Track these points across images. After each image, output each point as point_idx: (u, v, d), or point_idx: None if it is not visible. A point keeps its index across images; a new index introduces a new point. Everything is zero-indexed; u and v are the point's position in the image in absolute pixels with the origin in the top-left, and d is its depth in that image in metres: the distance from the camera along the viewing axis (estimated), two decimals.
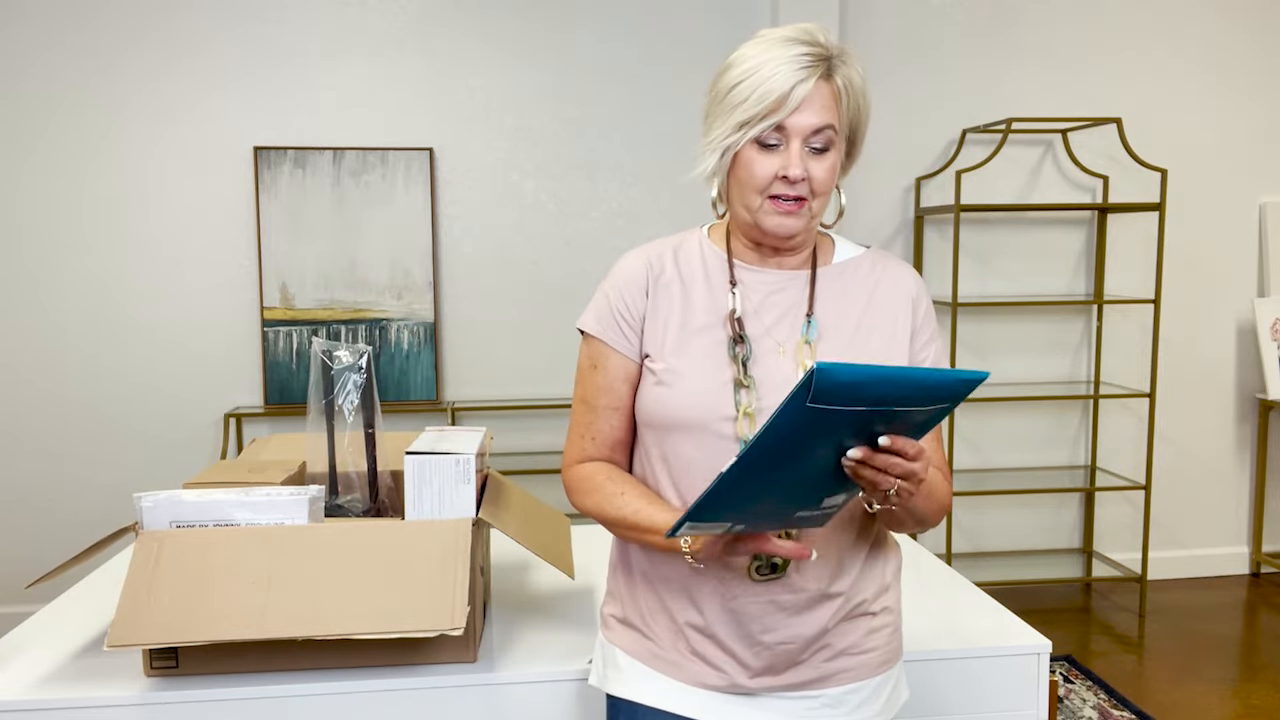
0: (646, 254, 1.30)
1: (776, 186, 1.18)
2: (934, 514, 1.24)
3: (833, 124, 1.18)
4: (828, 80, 1.17)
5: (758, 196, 1.19)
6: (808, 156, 1.17)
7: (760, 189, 1.19)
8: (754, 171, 1.18)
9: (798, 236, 1.22)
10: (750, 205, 1.20)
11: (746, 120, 1.16)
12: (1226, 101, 4.16)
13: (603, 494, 1.25)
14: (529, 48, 3.81)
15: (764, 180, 1.18)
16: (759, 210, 1.20)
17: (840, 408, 0.94)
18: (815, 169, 1.18)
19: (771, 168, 1.17)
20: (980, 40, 4.01)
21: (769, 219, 1.20)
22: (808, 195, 1.18)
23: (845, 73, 1.19)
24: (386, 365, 3.79)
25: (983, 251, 4.08)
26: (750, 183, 1.19)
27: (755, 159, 1.18)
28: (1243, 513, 4.35)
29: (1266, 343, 4.11)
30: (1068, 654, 3.48)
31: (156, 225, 3.70)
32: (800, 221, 1.20)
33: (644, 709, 1.28)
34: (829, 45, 1.18)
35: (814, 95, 1.16)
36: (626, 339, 1.27)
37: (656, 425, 1.25)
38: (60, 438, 3.73)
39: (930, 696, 1.60)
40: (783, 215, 1.19)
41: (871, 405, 0.95)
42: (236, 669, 1.48)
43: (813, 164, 1.18)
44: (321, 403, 1.65)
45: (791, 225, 1.20)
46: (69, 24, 3.60)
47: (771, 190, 1.18)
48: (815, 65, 1.15)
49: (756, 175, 1.18)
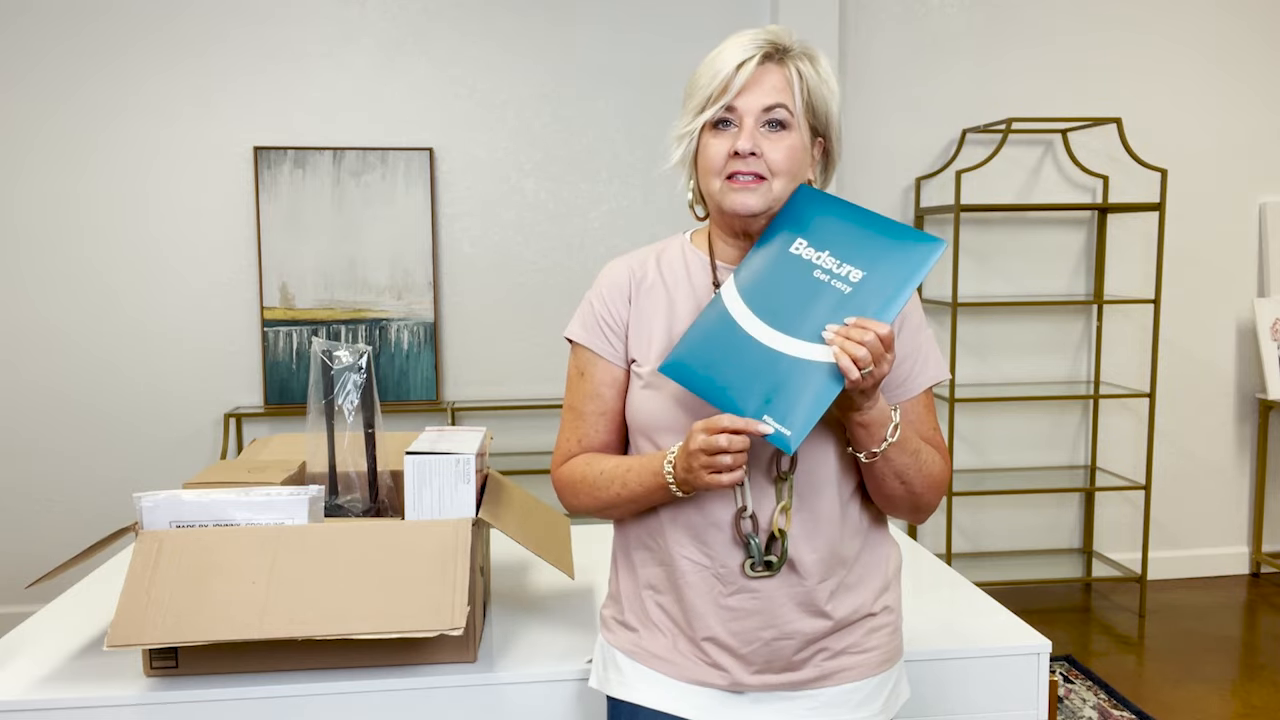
0: (629, 261, 1.34)
1: (731, 164, 1.20)
2: (929, 490, 1.24)
3: (784, 103, 1.20)
4: (779, 65, 1.21)
5: (717, 178, 1.22)
6: (763, 136, 1.20)
7: (717, 170, 1.22)
8: (709, 154, 1.22)
9: (761, 216, 1.24)
10: (712, 189, 1.23)
11: (700, 105, 1.21)
12: (1226, 101, 4.16)
13: (588, 484, 1.28)
14: (529, 47, 3.81)
15: (719, 160, 1.21)
16: (720, 192, 1.22)
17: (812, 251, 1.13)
18: (770, 147, 1.20)
19: (725, 147, 1.21)
20: (980, 40, 4.01)
21: (728, 198, 1.22)
22: (764, 173, 1.20)
23: (800, 65, 1.22)
24: (386, 365, 3.79)
25: (983, 251, 4.08)
26: (708, 166, 1.22)
27: (710, 142, 1.22)
28: (1243, 513, 4.35)
29: (1266, 343, 4.11)
30: (1068, 654, 3.48)
31: (157, 225, 3.70)
32: (759, 199, 1.21)
33: (645, 711, 1.28)
34: (788, 43, 1.22)
35: (761, 76, 1.20)
36: (611, 345, 1.30)
37: (647, 428, 1.26)
38: (60, 437, 3.73)
39: (930, 696, 1.60)
40: (740, 191, 1.21)
41: (835, 248, 1.10)
42: (236, 669, 1.48)
43: (767, 142, 1.20)
44: (321, 403, 1.65)
45: (751, 203, 1.21)
46: (69, 23, 3.60)
47: (727, 169, 1.21)
48: (762, 49, 1.20)
49: (712, 156, 1.22)
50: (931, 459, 1.24)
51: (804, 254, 1.10)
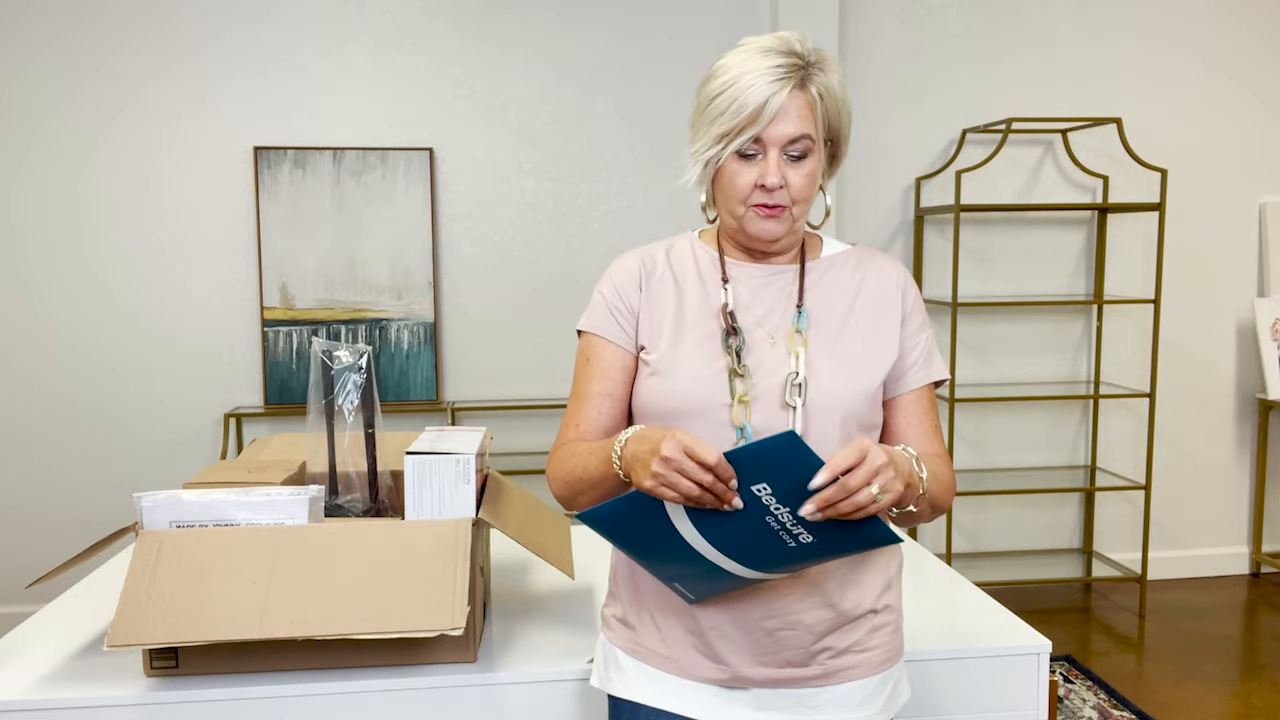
0: (639, 253, 1.35)
1: (756, 195, 1.23)
2: (946, 498, 1.26)
3: (808, 133, 1.21)
4: (803, 89, 1.21)
5: (740, 205, 1.25)
6: (786, 165, 1.22)
7: (742, 199, 1.24)
8: (735, 183, 1.23)
9: (782, 240, 1.27)
10: (735, 213, 1.26)
11: (725, 133, 1.21)
12: (1226, 101, 4.16)
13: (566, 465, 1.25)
14: (529, 47, 3.81)
15: (744, 190, 1.23)
16: (743, 217, 1.25)
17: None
18: (793, 176, 1.22)
19: (751, 177, 1.22)
20: (980, 40, 4.01)
21: (753, 225, 1.25)
22: (787, 202, 1.23)
23: (822, 80, 1.22)
24: (386, 365, 3.79)
25: (983, 251, 4.08)
26: (732, 193, 1.24)
27: (736, 170, 1.23)
28: (1243, 513, 4.35)
29: (1266, 343, 4.11)
30: (1068, 654, 3.48)
31: (157, 225, 3.70)
32: (782, 226, 1.25)
33: (646, 709, 1.28)
34: (805, 53, 1.22)
35: (789, 106, 1.20)
36: (623, 329, 1.30)
37: (654, 416, 1.26)
38: (60, 437, 3.73)
39: (930, 696, 1.60)
40: (765, 220, 1.24)
41: (795, 506, 1.02)
42: (236, 669, 1.48)
43: (790, 172, 1.22)
44: (321, 403, 1.65)
45: (774, 230, 1.25)
46: (68, 22, 3.60)
47: (753, 199, 1.23)
48: (789, 76, 1.19)
49: (738, 185, 1.23)
50: (942, 468, 1.26)
51: (764, 498, 1.02)
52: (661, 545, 1.11)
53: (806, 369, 1.23)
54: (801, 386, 1.22)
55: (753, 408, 1.21)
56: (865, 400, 1.25)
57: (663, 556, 1.14)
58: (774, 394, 1.22)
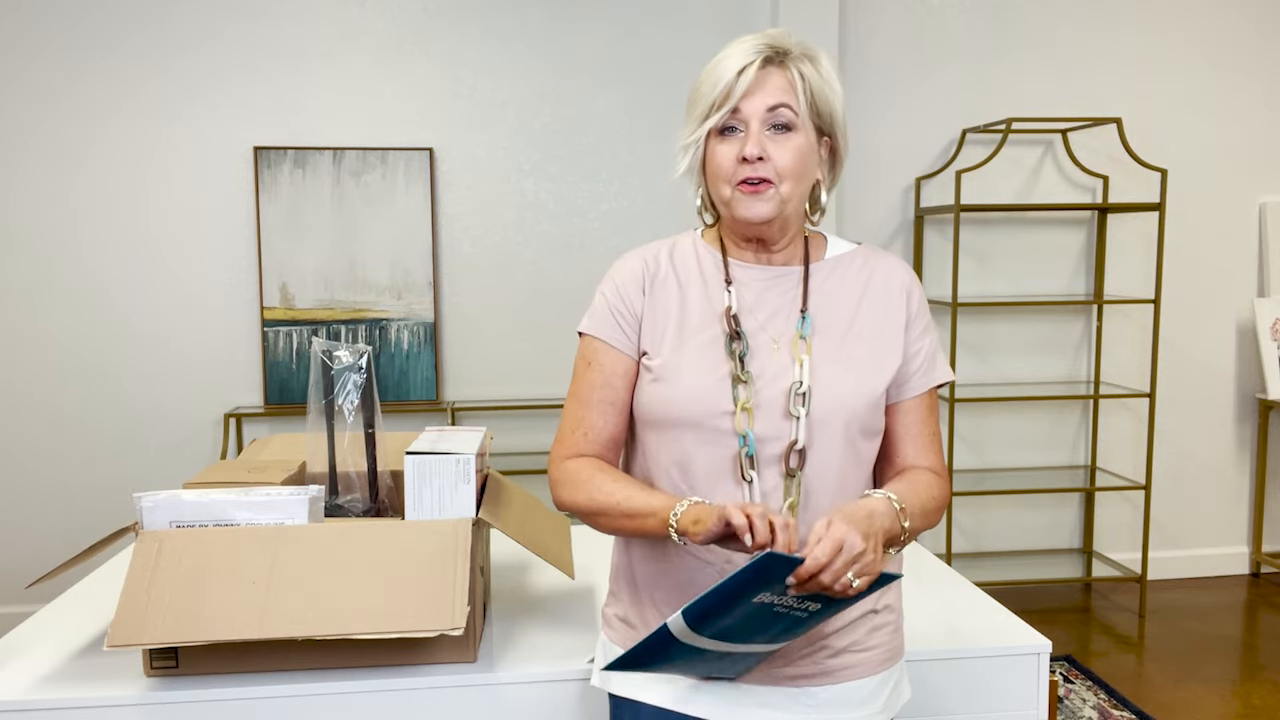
0: (642, 254, 1.33)
1: (740, 171, 1.21)
2: (935, 519, 1.26)
3: (787, 103, 1.20)
4: (780, 68, 1.21)
5: (727, 186, 1.22)
6: (769, 139, 1.20)
7: (727, 177, 1.22)
8: (717, 161, 1.22)
9: (773, 223, 1.24)
10: (723, 197, 1.24)
11: (705, 113, 1.21)
12: (1226, 101, 4.16)
13: (594, 484, 1.24)
14: (529, 47, 3.81)
15: (728, 168, 1.21)
16: (731, 200, 1.23)
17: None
18: (777, 150, 1.20)
19: (733, 153, 1.21)
20: (980, 40, 4.01)
21: (739, 206, 1.22)
22: (773, 177, 1.20)
23: (802, 66, 1.22)
24: (386, 365, 3.79)
25: (983, 251, 4.08)
26: (717, 173, 1.23)
27: (717, 149, 1.22)
28: (1243, 513, 4.35)
29: (1266, 343, 4.11)
30: (1068, 654, 3.48)
31: (156, 225, 3.70)
32: (768, 205, 1.21)
33: (647, 708, 1.28)
34: (789, 45, 1.22)
35: (764, 79, 1.20)
36: (625, 334, 1.28)
37: (656, 423, 1.25)
38: (60, 438, 3.73)
39: (930, 696, 1.60)
40: (750, 199, 1.21)
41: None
42: (236, 669, 1.48)
43: (773, 145, 1.20)
44: (321, 403, 1.65)
45: (761, 210, 1.21)
46: (66, 23, 3.60)
47: (737, 176, 1.21)
48: (763, 52, 1.20)
49: (720, 164, 1.22)
50: (930, 493, 1.24)
51: (765, 600, 1.06)
52: (694, 658, 1.16)
53: (810, 377, 1.21)
54: (805, 396, 1.20)
55: (755, 415, 1.20)
56: (869, 406, 1.24)
57: (698, 666, 1.19)
58: (777, 402, 1.21)
